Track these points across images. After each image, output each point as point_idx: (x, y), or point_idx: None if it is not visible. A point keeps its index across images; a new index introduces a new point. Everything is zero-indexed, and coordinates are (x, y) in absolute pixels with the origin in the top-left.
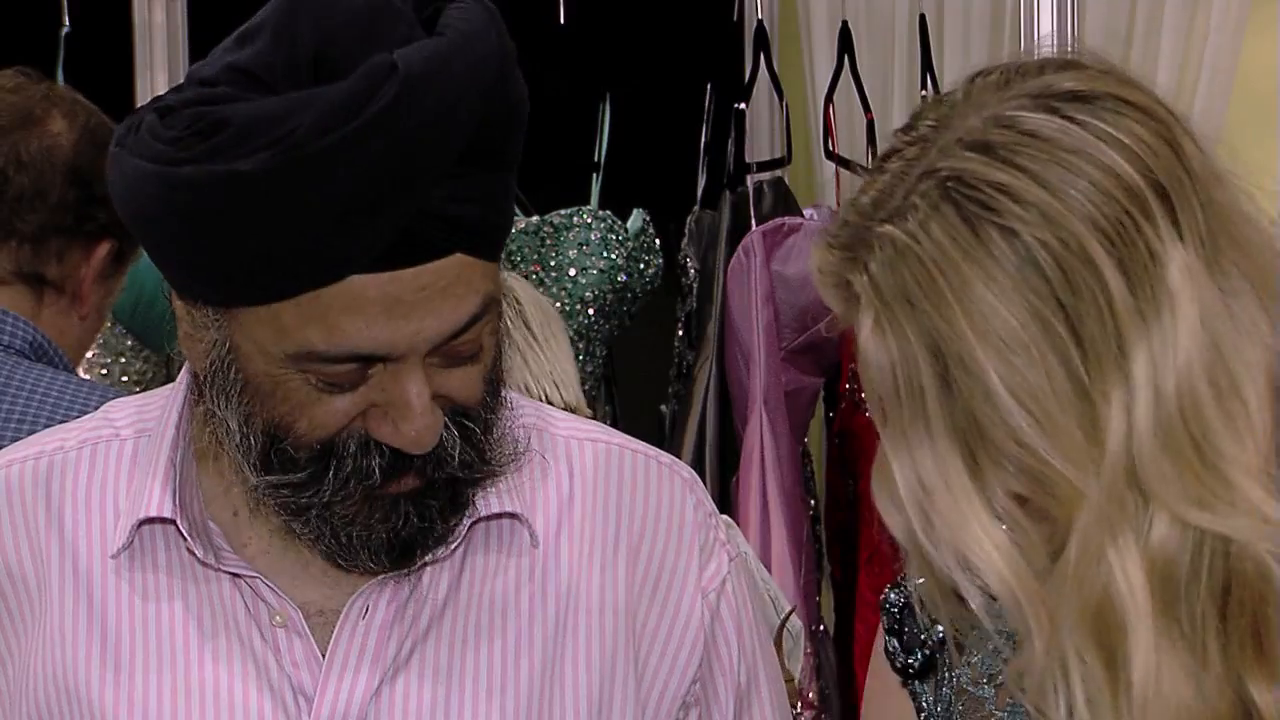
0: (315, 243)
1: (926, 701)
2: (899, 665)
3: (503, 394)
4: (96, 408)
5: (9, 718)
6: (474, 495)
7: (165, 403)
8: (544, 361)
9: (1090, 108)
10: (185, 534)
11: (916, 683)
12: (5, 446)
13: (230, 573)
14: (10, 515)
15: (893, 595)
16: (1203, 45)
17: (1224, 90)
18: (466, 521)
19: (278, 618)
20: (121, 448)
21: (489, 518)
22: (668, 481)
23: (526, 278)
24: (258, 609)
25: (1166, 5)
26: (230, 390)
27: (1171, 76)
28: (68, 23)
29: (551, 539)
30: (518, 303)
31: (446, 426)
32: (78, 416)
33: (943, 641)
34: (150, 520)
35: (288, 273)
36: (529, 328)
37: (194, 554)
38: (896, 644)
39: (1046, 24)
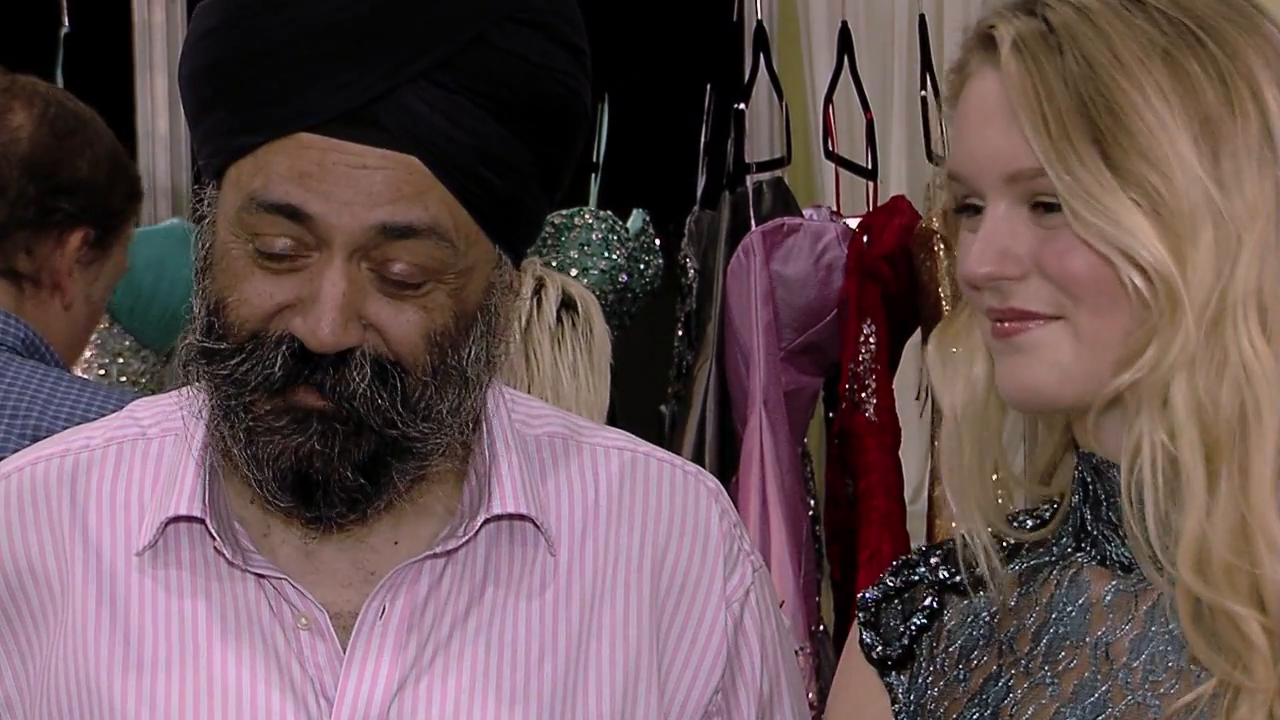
0: (279, 85)
1: (901, 692)
2: (876, 657)
3: (456, 384)
4: (90, 405)
5: (29, 716)
6: (399, 467)
7: (192, 403)
8: (595, 393)
9: None
10: (214, 533)
11: (894, 674)
12: (5, 447)
13: (256, 573)
14: (35, 513)
15: (869, 593)
16: None
17: None
18: (478, 516)
19: (303, 619)
20: (148, 447)
21: (502, 517)
22: (693, 491)
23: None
24: (281, 610)
25: None
26: (198, 271)
27: None
28: (67, 23)
29: (576, 545)
30: (591, 330)
31: (362, 361)
32: (69, 413)
33: (921, 630)
34: (178, 519)
35: (251, 123)
36: (587, 352)
37: (221, 554)
38: (874, 636)
39: None
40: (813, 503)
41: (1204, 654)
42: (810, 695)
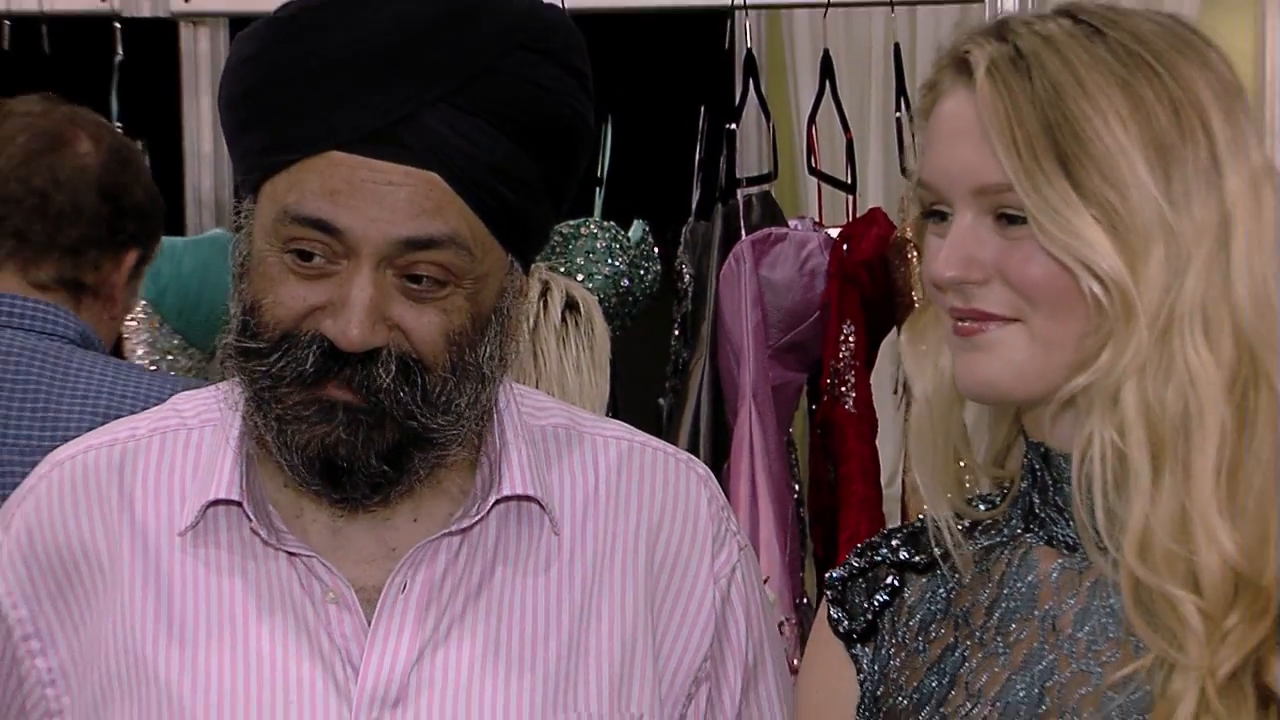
0: (312, 108)
1: (865, 663)
2: (843, 631)
3: (473, 379)
4: (149, 388)
5: (79, 684)
6: (421, 456)
7: (230, 397)
8: (596, 387)
9: None
10: (250, 515)
11: (859, 646)
12: (69, 419)
13: (288, 552)
14: (86, 497)
15: (836, 573)
16: None
17: None
18: (489, 498)
19: (330, 594)
20: (189, 436)
21: (511, 498)
22: (684, 477)
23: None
24: (311, 585)
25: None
26: (235, 276)
27: None
28: (121, 52)
29: (578, 526)
30: (593, 329)
31: (388, 360)
32: (133, 394)
33: (883, 606)
34: (217, 502)
35: (285, 142)
36: (590, 350)
37: (257, 534)
38: (840, 612)
39: None
40: (797, 487)
41: (1143, 631)
42: (795, 662)
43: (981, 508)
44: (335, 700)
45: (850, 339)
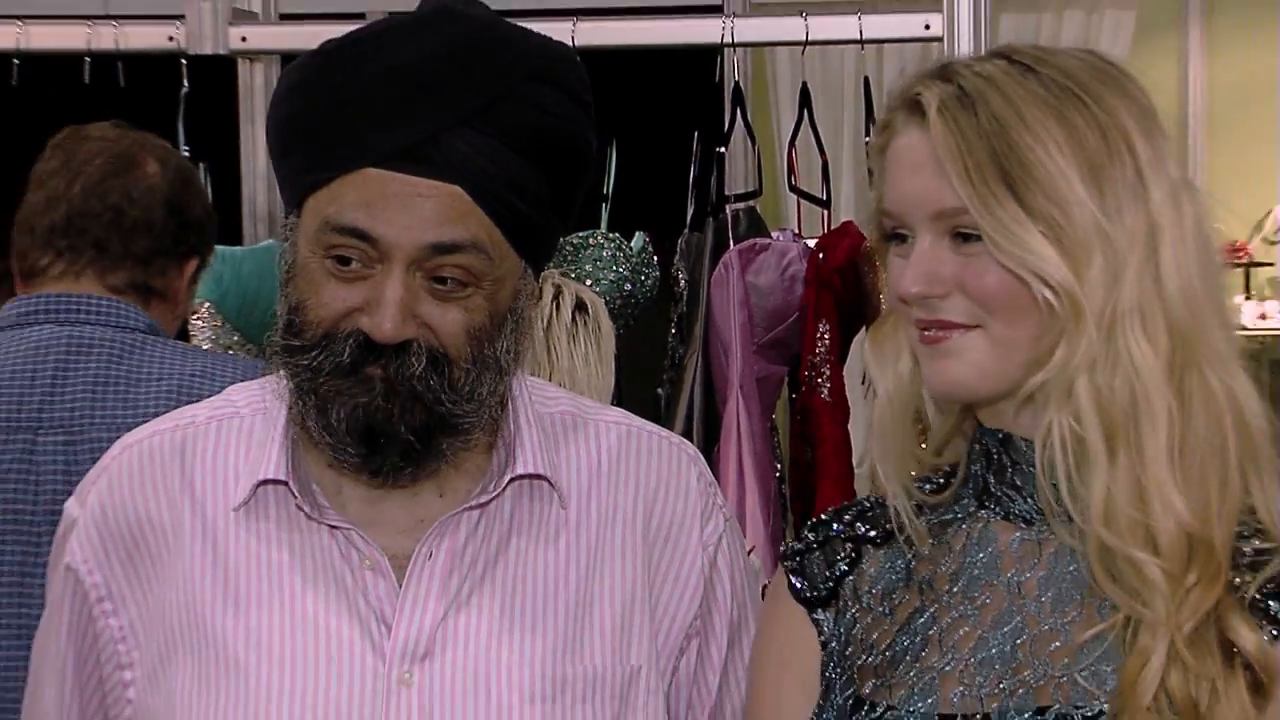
0: (349, 130)
1: (827, 626)
2: (806, 597)
3: (492, 370)
4: (216, 368)
5: (146, 644)
6: (448, 440)
7: (277, 388)
8: (602, 379)
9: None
10: (295, 492)
11: (820, 611)
12: (147, 397)
13: (329, 525)
14: (152, 476)
15: (794, 545)
16: None
17: None
18: (504, 477)
19: (366, 562)
20: (241, 423)
21: (524, 477)
22: (676, 457)
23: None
24: (349, 554)
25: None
26: (282, 281)
27: None
28: (187, 84)
29: (583, 501)
30: (600, 328)
31: (419, 353)
32: (203, 373)
33: (844, 575)
34: (267, 481)
35: (326, 160)
36: (597, 346)
37: (301, 509)
38: (801, 580)
39: None
40: (779, 467)
41: (1112, 592)
42: None
43: (928, 487)
44: (371, 655)
45: (825, 336)
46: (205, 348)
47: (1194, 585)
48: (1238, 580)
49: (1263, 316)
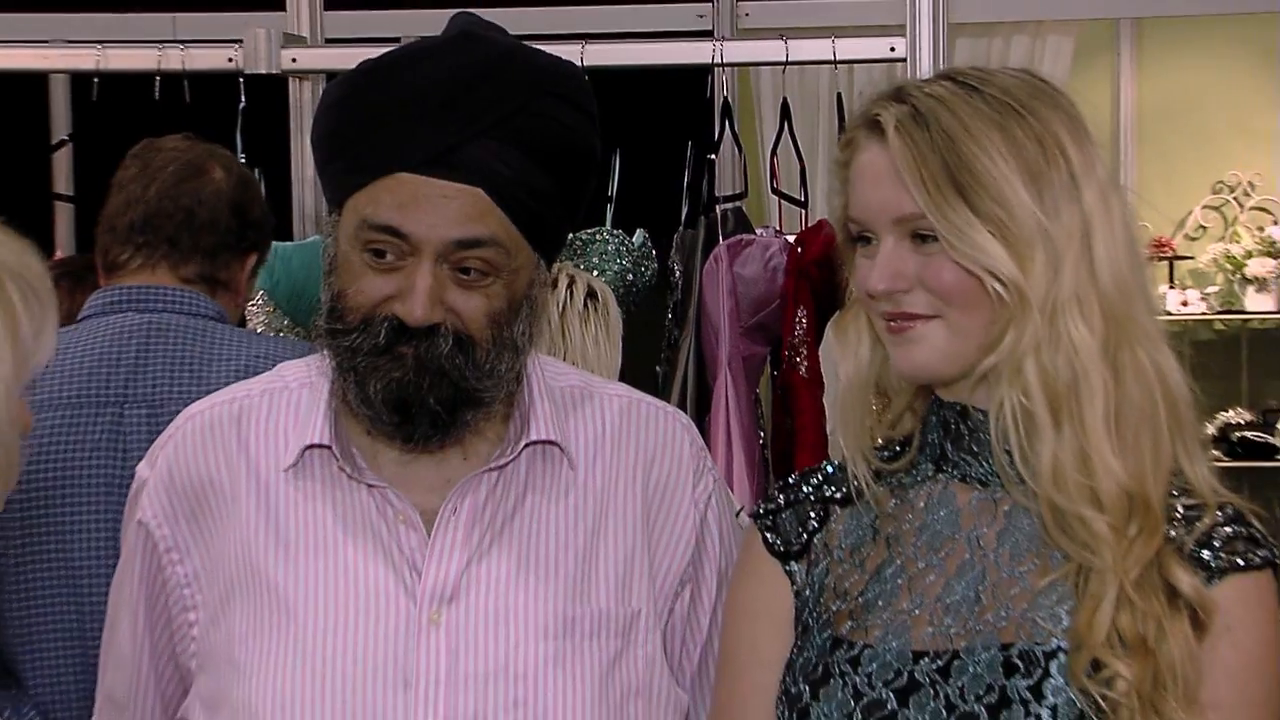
0: (384, 140)
1: (800, 577)
2: (780, 550)
3: (510, 350)
4: (273, 349)
5: (208, 589)
6: (472, 412)
7: (322, 365)
8: (611, 358)
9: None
10: (338, 456)
11: (793, 563)
12: (216, 375)
13: (367, 484)
14: (213, 442)
15: (766, 505)
16: None
17: None
18: (520, 442)
19: (400, 516)
20: (290, 395)
21: (537, 442)
22: (671, 425)
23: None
24: (385, 510)
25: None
26: (325, 272)
27: None
28: (244, 100)
29: (589, 463)
30: (608, 313)
31: (445, 335)
32: (263, 354)
33: (814, 532)
34: (313, 446)
35: (363, 166)
36: (606, 329)
37: (343, 470)
38: (775, 537)
39: None
40: (762, 435)
41: (1064, 545)
42: None
43: (885, 455)
44: (404, 598)
45: (803, 320)
46: (259, 330)
47: (1136, 536)
48: (1173, 534)
49: (1184, 303)
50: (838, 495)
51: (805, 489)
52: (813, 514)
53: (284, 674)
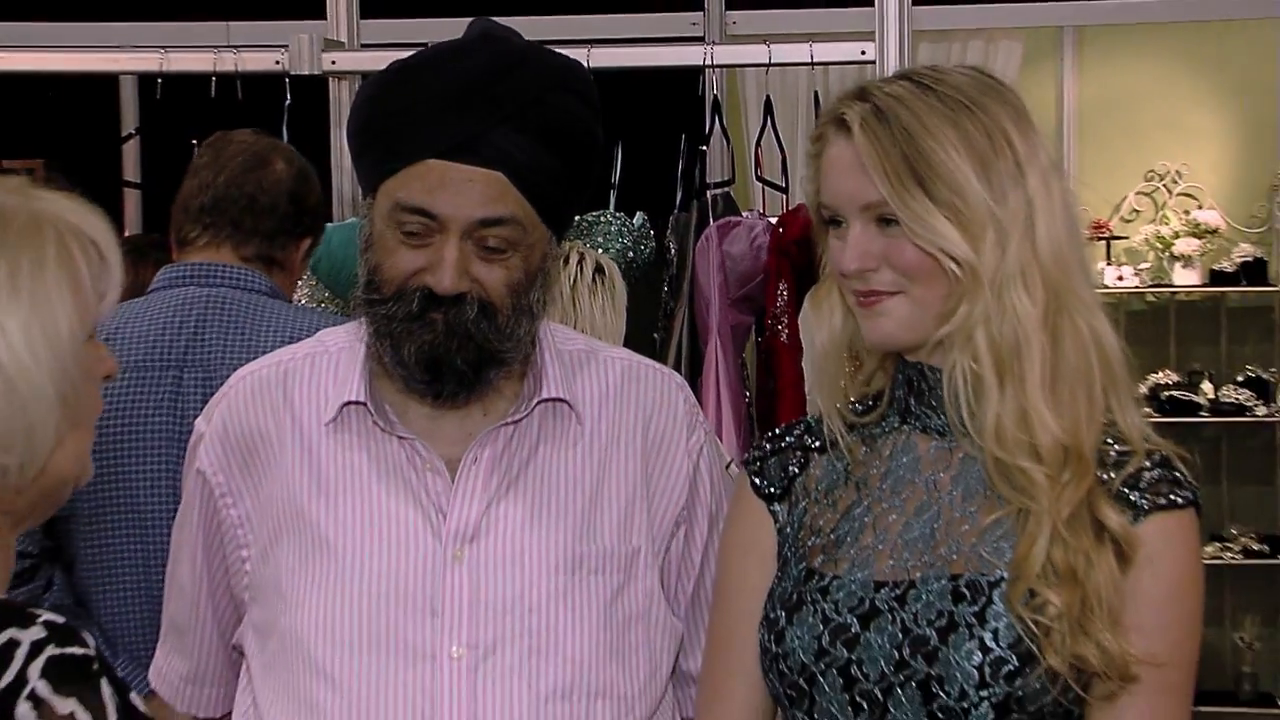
0: (414, 130)
1: (782, 516)
2: (765, 493)
3: (527, 316)
4: (318, 322)
5: (258, 529)
6: (495, 371)
7: (358, 332)
8: (616, 326)
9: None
10: (372, 411)
11: (776, 504)
12: (267, 344)
13: (399, 436)
14: (261, 400)
15: (754, 452)
16: None
17: None
18: (533, 399)
19: (427, 465)
20: (330, 359)
21: (549, 400)
22: (666, 384)
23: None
24: (414, 459)
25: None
26: (363, 250)
27: None
28: (289, 98)
29: (595, 418)
30: (614, 286)
31: (471, 303)
32: (309, 326)
33: (795, 477)
34: (350, 403)
35: (396, 154)
36: (612, 300)
37: (377, 424)
38: (761, 480)
39: None
40: (748, 394)
41: (1005, 491)
42: None
43: (859, 409)
44: (430, 537)
45: (784, 293)
46: (303, 301)
47: (1068, 483)
48: (1105, 476)
49: (1120, 278)
50: (816, 444)
51: (788, 439)
52: (794, 461)
53: (325, 603)
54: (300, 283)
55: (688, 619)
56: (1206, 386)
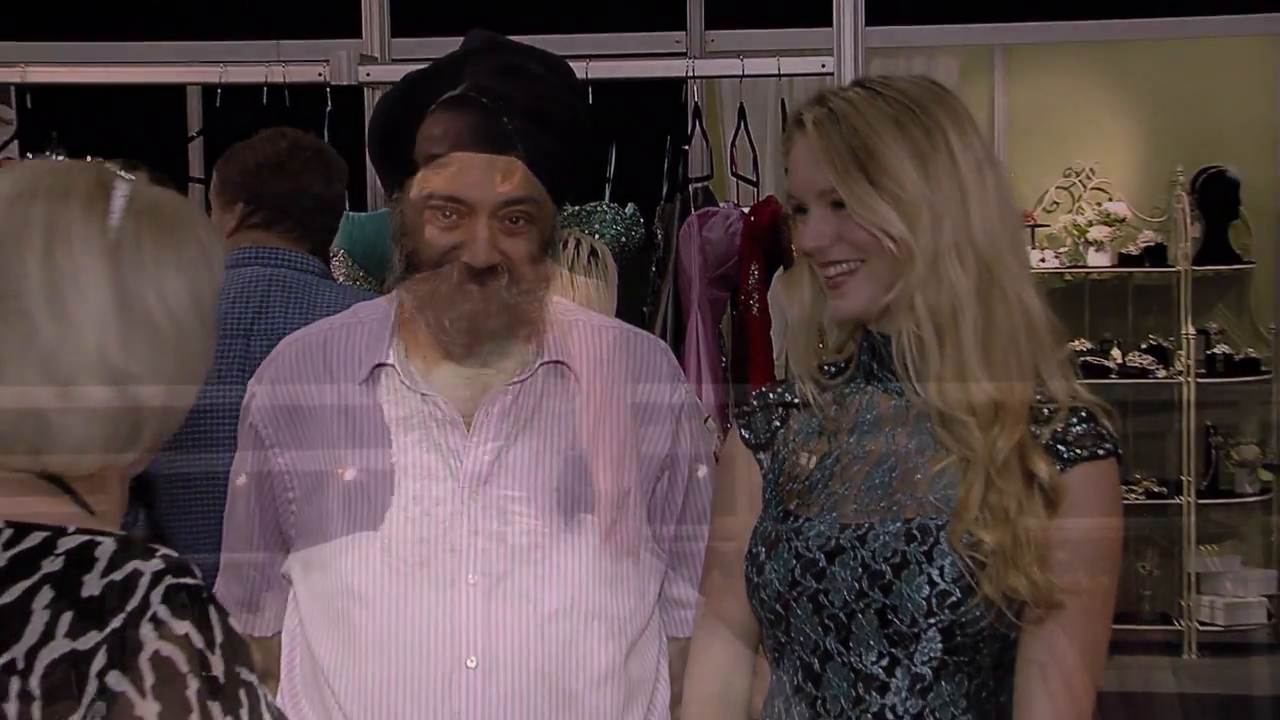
0: (439, 129)
1: (767, 463)
2: (752, 442)
3: (543, 281)
4: (359, 297)
5: (302, 475)
6: (525, 329)
7: (389, 304)
8: (608, 302)
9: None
10: (400, 372)
11: (761, 453)
12: (317, 316)
13: (422, 394)
14: (305, 363)
15: (743, 408)
16: None
17: None
18: (537, 361)
19: (447, 419)
20: (364, 328)
21: (551, 362)
22: (653, 349)
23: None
24: (435, 413)
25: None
26: (397, 236)
27: None
28: (330, 105)
29: (590, 378)
30: (606, 266)
31: (501, 272)
32: (344, 301)
33: (777, 430)
34: (381, 365)
35: (425, 150)
36: (605, 279)
37: (404, 383)
38: (748, 432)
39: None
40: (724, 359)
41: (947, 441)
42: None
43: (831, 370)
44: (450, 479)
45: (755, 273)
46: (340, 280)
47: (999, 434)
48: (1036, 431)
49: (1042, 261)
50: (795, 402)
51: (772, 396)
52: (776, 416)
53: (360, 538)
54: (338, 264)
55: (671, 551)
56: (1115, 353)
